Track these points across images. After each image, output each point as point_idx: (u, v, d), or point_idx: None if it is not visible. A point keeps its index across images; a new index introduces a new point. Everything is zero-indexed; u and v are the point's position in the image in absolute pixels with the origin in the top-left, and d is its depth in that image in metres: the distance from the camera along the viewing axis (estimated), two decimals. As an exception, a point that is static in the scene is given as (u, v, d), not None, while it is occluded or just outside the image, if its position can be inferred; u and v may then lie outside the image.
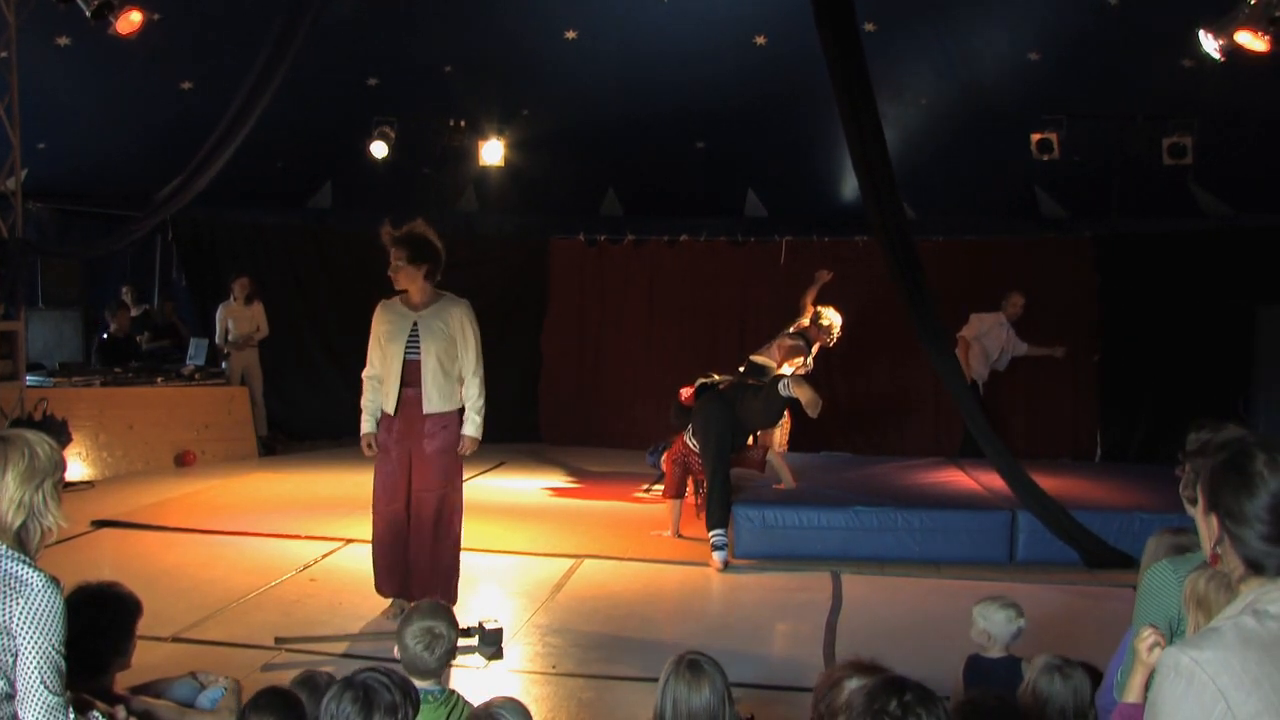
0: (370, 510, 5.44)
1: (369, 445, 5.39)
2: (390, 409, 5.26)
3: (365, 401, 5.40)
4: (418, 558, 5.31)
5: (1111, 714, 2.53)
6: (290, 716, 2.83)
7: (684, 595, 6.07)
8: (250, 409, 10.16)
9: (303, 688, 3.01)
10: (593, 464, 10.24)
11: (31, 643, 2.53)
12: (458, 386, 5.33)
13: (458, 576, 5.43)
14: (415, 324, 5.24)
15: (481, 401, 5.35)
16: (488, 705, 2.84)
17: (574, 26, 9.51)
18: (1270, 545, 1.77)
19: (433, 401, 5.24)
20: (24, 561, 2.60)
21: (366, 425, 5.39)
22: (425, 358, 5.22)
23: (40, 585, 2.57)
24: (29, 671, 2.53)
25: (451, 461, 5.35)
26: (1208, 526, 1.90)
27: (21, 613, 2.54)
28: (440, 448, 5.29)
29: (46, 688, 2.54)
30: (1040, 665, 3.03)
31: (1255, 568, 1.79)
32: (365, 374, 5.41)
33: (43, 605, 2.56)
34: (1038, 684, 2.97)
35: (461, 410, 5.35)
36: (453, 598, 5.30)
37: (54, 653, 2.57)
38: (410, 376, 5.22)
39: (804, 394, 6.54)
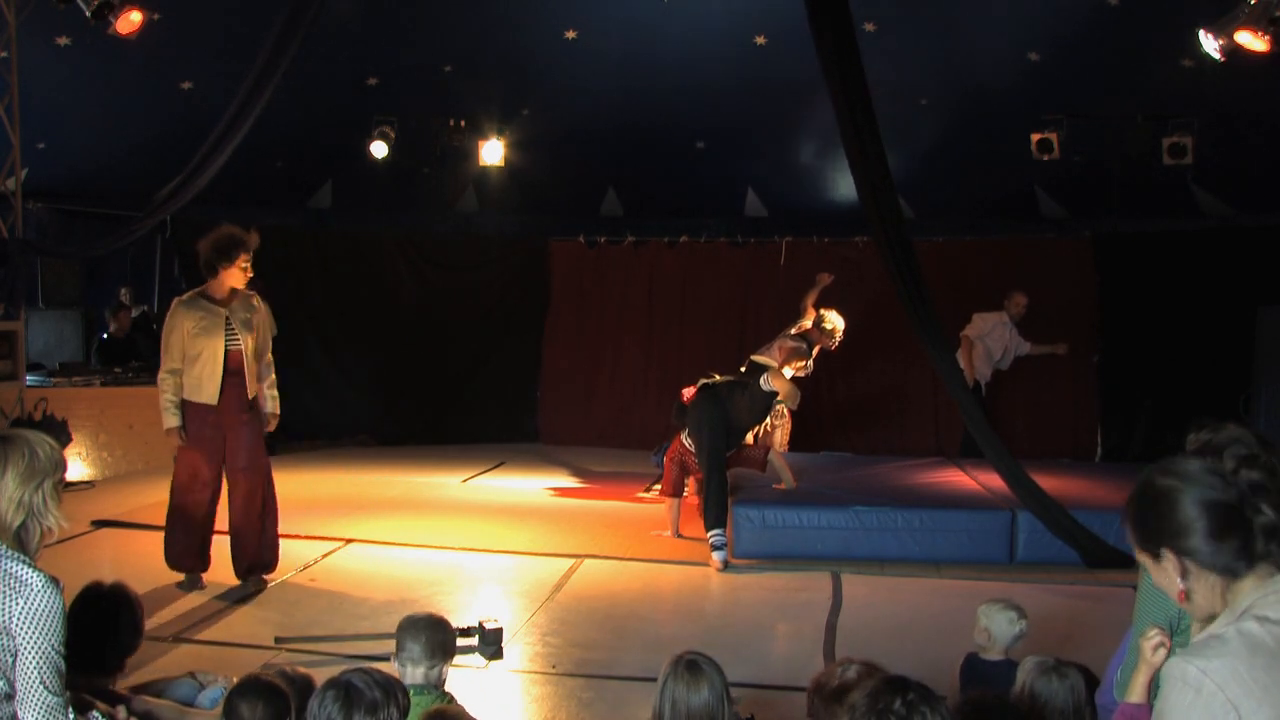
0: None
1: (181, 436, 5.78)
2: (212, 398, 5.71)
3: (170, 398, 5.77)
4: (247, 533, 5.84)
5: (1113, 714, 2.53)
6: (277, 702, 2.84)
7: (684, 595, 6.06)
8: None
9: (279, 681, 3.01)
10: (593, 464, 10.23)
11: (31, 643, 2.53)
12: (262, 371, 5.97)
13: (279, 546, 6.02)
14: (227, 318, 5.77)
15: (273, 379, 6.02)
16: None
17: (574, 26, 9.51)
18: (1218, 541, 1.77)
19: (251, 386, 5.85)
20: (24, 561, 2.60)
21: (175, 419, 5.78)
22: (244, 346, 5.81)
23: (40, 585, 2.57)
24: (28, 671, 2.53)
25: (262, 439, 5.99)
26: (1165, 575, 1.90)
27: (21, 613, 2.54)
28: (256, 428, 5.90)
29: (46, 688, 2.54)
30: (1034, 666, 3.01)
31: (1229, 572, 1.79)
32: (168, 370, 5.77)
33: (42, 605, 2.56)
34: (1035, 685, 2.95)
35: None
36: (275, 566, 5.95)
37: (53, 653, 2.56)
38: (233, 364, 5.76)
39: (782, 386, 6.68)
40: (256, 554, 5.89)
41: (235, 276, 5.81)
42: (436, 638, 3.25)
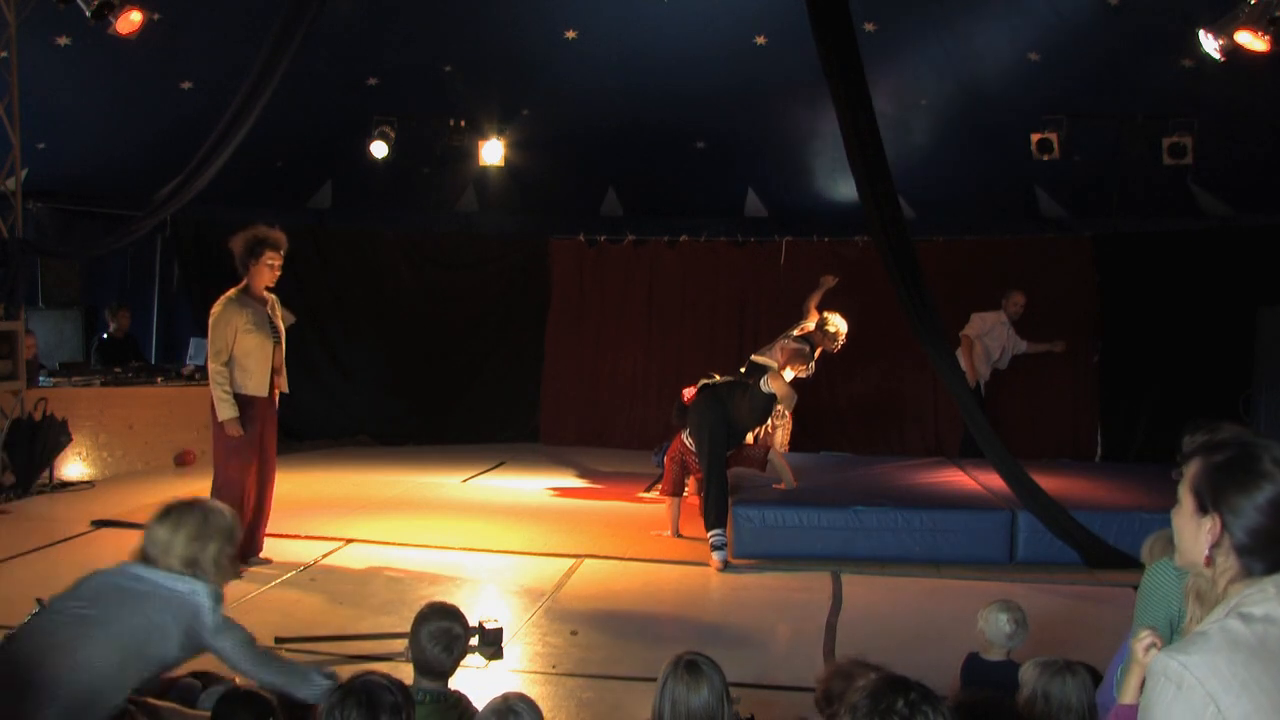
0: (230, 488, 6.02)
1: (239, 427, 6.01)
2: (263, 390, 6.10)
3: (228, 390, 6.01)
4: (260, 520, 6.27)
5: (1109, 714, 2.53)
6: (260, 712, 2.84)
7: (684, 595, 6.07)
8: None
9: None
10: (593, 464, 10.24)
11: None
12: None
13: None
14: (268, 315, 6.21)
15: None
16: (504, 698, 2.83)
17: (574, 26, 9.51)
18: (1267, 539, 1.78)
19: (279, 380, 6.28)
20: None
21: (235, 410, 6.01)
22: (281, 342, 6.27)
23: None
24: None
25: None
26: (1196, 528, 1.88)
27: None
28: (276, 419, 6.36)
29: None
30: (1043, 667, 3.00)
31: (1248, 568, 1.80)
32: (222, 363, 6.01)
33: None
34: (1047, 686, 2.94)
35: None
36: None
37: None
38: (278, 361, 6.22)
39: (779, 388, 6.72)
40: (261, 540, 6.30)
41: (269, 275, 6.17)
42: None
